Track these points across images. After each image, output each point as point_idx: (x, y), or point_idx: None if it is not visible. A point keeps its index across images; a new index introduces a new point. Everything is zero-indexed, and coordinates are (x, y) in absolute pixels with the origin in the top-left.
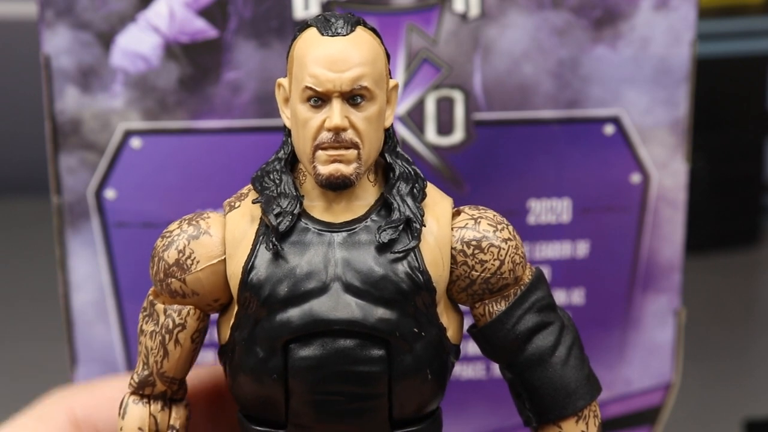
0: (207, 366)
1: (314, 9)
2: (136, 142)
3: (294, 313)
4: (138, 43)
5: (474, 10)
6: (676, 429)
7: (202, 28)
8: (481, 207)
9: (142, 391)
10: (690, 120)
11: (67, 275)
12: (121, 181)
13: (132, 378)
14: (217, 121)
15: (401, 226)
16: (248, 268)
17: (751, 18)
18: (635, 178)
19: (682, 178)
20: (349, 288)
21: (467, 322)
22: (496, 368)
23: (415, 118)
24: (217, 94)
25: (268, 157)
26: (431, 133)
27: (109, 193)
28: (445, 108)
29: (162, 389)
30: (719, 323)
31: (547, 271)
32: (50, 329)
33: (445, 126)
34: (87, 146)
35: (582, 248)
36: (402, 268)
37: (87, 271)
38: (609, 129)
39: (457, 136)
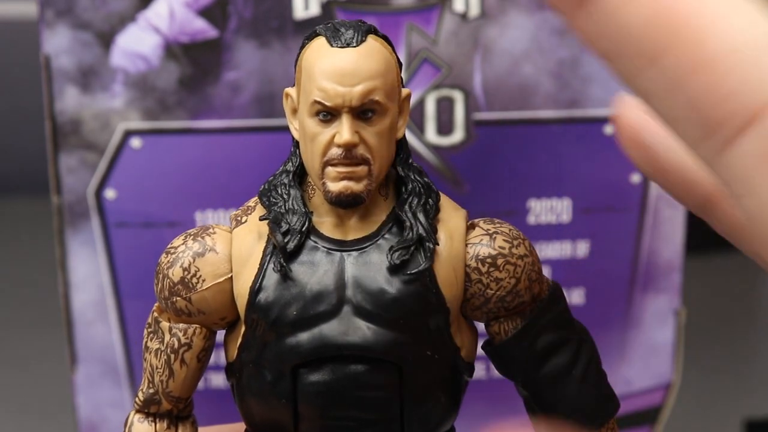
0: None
1: (314, 9)
2: (136, 142)
3: (303, 337)
4: (138, 43)
5: (474, 10)
6: (676, 429)
7: (202, 28)
8: (496, 220)
9: (147, 409)
10: None
11: (67, 275)
12: (121, 181)
13: (137, 396)
14: (217, 121)
15: (413, 246)
16: (256, 290)
17: None
18: (635, 178)
19: None
20: (360, 311)
21: (481, 337)
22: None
23: (415, 118)
24: (217, 94)
25: (268, 156)
26: (431, 133)
27: (109, 193)
28: (445, 108)
29: (168, 407)
30: (719, 323)
31: (547, 271)
32: (50, 329)
33: (445, 126)
34: (87, 146)
35: (582, 248)
36: (414, 289)
37: (87, 271)
38: (609, 129)
39: (457, 136)
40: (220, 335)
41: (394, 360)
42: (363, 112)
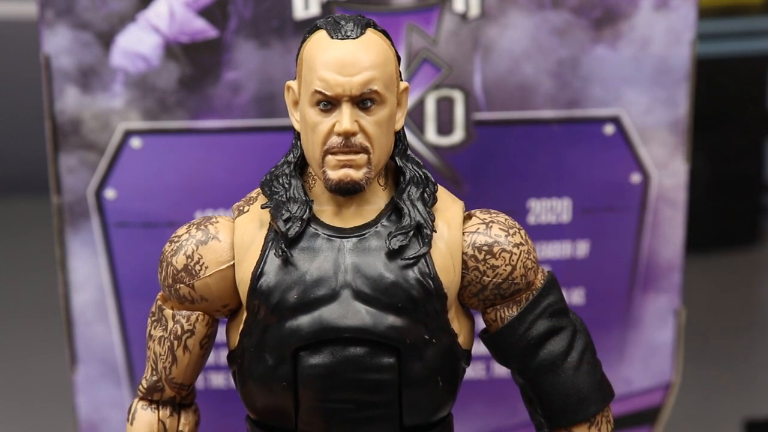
0: None
1: (314, 9)
2: (136, 142)
3: (303, 320)
4: (138, 43)
5: (474, 10)
6: (676, 429)
7: (202, 28)
8: (492, 210)
9: (150, 396)
10: (690, 120)
11: (67, 275)
12: (121, 181)
13: (141, 384)
14: (217, 121)
15: (411, 232)
16: (257, 275)
17: (751, 18)
18: (635, 178)
19: (682, 178)
20: (359, 295)
21: (478, 327)
22: (496, 368)
23: (415, 118)
24: (217, 94)
25: (268, 156)
26: (431, 133)
27: (109, 193)
28: (445, 108)
29: (171, 395)
30: (719, 323)
31: None
32: (50, 329)
33: (445, 126)
34: (87, 146)
35: (582, 248)
36: (412, 274)
37: (87, 271)
38: (609, 129)
39: (457, 136)
40: (221, 335)
41: (392, 343)
42: (362, 101)
